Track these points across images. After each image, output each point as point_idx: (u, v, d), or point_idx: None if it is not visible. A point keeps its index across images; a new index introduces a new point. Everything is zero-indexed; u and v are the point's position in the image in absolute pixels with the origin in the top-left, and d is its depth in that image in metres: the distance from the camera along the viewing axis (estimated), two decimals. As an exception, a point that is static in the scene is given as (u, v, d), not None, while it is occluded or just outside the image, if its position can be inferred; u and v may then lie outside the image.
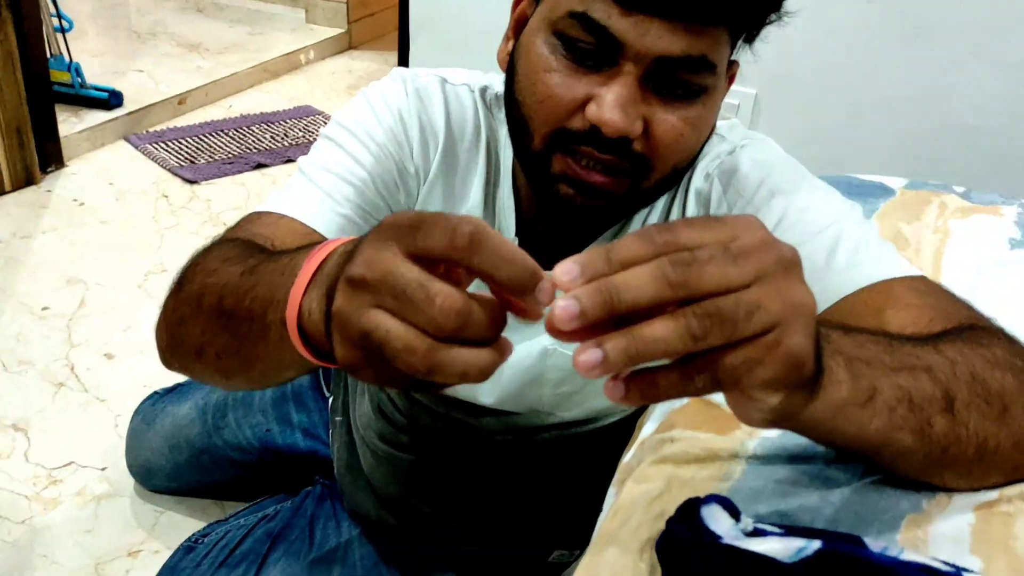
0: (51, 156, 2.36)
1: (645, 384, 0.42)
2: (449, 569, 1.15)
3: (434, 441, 1.01)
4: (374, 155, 0.78)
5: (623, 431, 0.90)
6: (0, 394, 1.61)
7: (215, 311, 0.61)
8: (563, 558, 1.19)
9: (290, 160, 2.55)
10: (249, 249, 0.66)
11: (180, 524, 1.38)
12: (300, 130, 2.75)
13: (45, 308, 1.85)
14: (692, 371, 0.42)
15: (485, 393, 0.90)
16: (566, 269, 0.41)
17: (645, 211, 0.81)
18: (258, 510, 1.22)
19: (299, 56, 3.33)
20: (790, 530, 0.53)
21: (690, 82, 0.65)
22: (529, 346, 0.85)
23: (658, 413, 0.74)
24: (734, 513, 0.52)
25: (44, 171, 2.34)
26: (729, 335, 0.40)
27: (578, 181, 0.68)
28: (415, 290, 0.40)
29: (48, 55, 2.38)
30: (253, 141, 2.65)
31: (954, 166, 1.65)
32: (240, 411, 1.31)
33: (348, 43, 3.57)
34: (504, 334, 0.53)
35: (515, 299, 0.42)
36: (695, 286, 0.40)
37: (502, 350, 0.42)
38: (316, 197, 0.75)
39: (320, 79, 3.24)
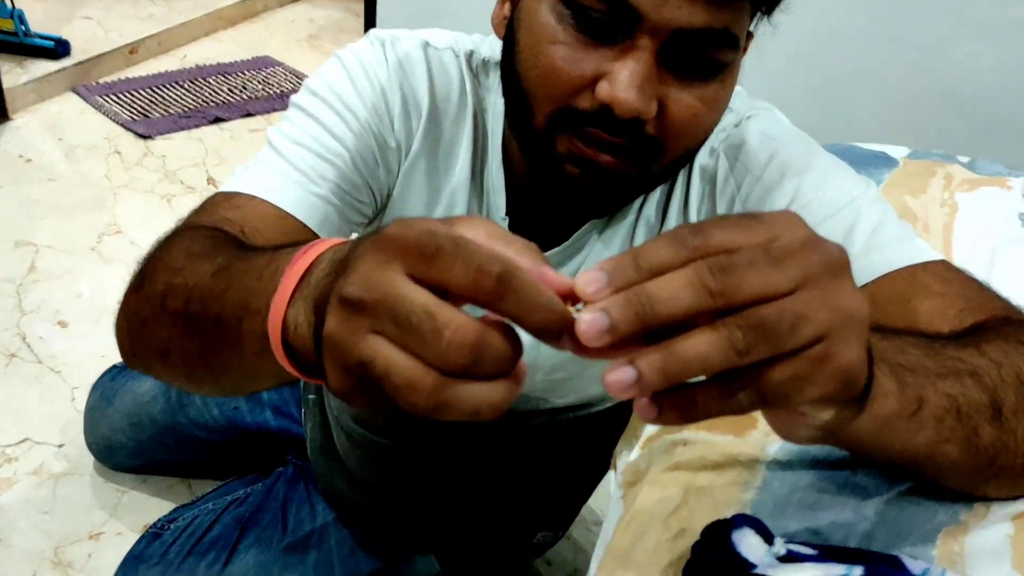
0: (-6, 109, 2.23)
1: (682, 403, 0.38)
2: (429, 553, 1.11)
3: (413, 425, 0.95)
4: (354, 131, 0.71)
5: (617, 417, 0.85)
6: (-54, 366, 1.53)
7: (180, 315, 0.55)
8: (547, 539, 1.16)
9: (249, 114, 2.44)
10: (217, 242, 0.59)
11: (144, 504, 1.32)
12: (259, 82, 2.64)
13: (-8, 273, 1.76)
14: (735, 388, 0.37)
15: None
16: (591, 279, 0.36)
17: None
18: (227, 492, 1.16)
19: (256, 3, 3.19)
20: (824, 551, 0.49)
21: (709, 58, 0.59)
22: (521, 331, 0.80)
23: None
24: (766, 535, 0.48)
25: (-12, 125, 2.21)
26: (774, 348, 0.36)
27: (586, 161, 0.62)
28: (421, 319, 0.34)
29: (-13, 1, 2.24)
30: (209, 94, 2.53)
31: (949, 135, 1.61)
32: (205, 387, 1.25)
33: (307, -11, 3.43)
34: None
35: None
36: (735, 294, 0.36)
37: (519, 379, 0.36)
38: (290, 177, 0.68)
39: (278, 27, 3.11)
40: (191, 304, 0.53)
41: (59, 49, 2.46)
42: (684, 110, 0.60)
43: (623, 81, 0.56)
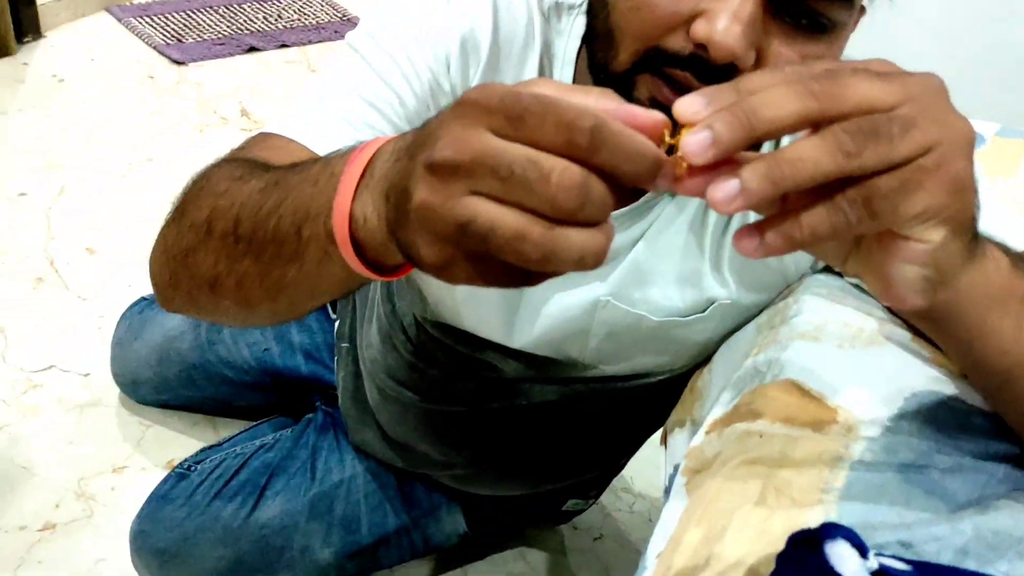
0: (28, 25, 2.17)
1: (788, 227, 0.37)
2: (458, 507, 1.09)
3: (448, 382, 0.92)
4: (408, 78, 0.66)
5: (668, 391, 0.82)
6: (-27, 287, 1.51)
7: (230, 236, 0.53)
8: (578, 506, 1.13)
9: (284, 45, 2.38)
10: (258, 165, 0.57)
11: (169, 441, 1.31)
12: (295, 11, 2.56)
13: (22, 194, 1.73)
14: (842, 202, 0.37)
15: (519, 338, 0.80)
16: (690, 102, 0.36)
17: None
18: (255, 436, 1.13)
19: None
20: (918, 567, 0.46)
21: (820, 12, 0.54)
22: (578, 295, 0.76)
23: (730, 389, 0.65)
24: (861, 550, 0.44)
25: (20, 41, 2.16)
26: (884, 155, 0.36)
27: (668, 109, 0.57)
28: (526, 167, 0.34)
29: (23, -89, 2.17)
30: (244, 21, 2.47)
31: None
32: (236, 328, 1.22)
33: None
34: (552, 282, 0.46)
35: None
36: (841, 99, 0.36)
37: (609, 233, 0.36)
38: (333, 122, 0.64)
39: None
40: (241, 223, 0.51)
41: (95, -33, 2.40)
42: (783, 66, 0.55)
43: (724, 20, 0.51)
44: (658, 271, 0.73)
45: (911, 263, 0.40)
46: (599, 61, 0.60)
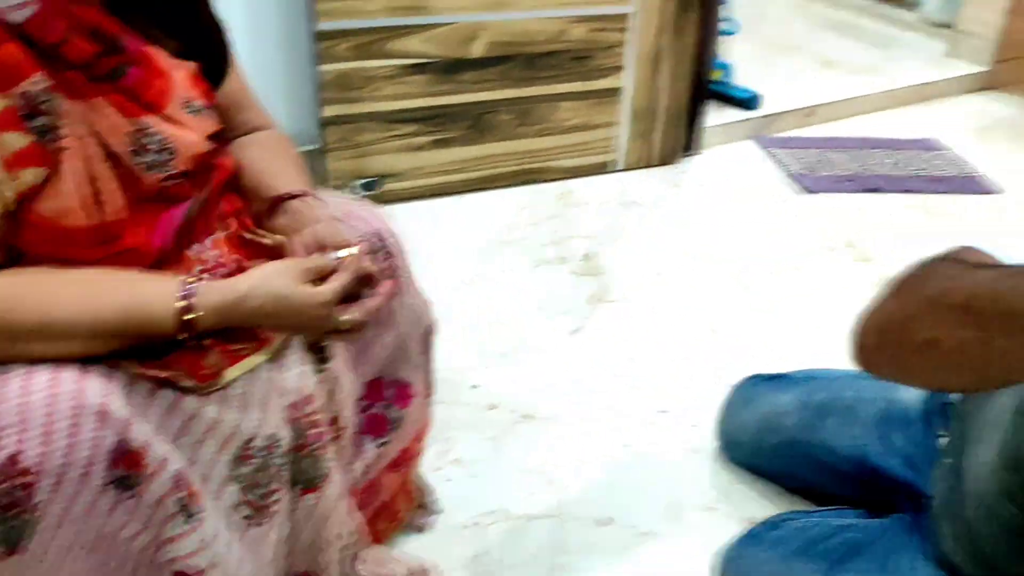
0: (692, 142, 2.63)
1: None
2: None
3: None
4: None
5: None
6: (617, 333, 1.88)
7: (958, 308, 0.68)
8: None
9: (908, 191, 2.51)
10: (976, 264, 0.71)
11: (753, 498, 1.48)
12: (922, 162, 2.68)
13: (658, 274, 2.10)
14: None
15: None
16: None
17: None
18: (843, 516, 1.26)
19: (932, 88, 3.22)
20: None
21: None
22: None
23: None
24: None
25: (684, 153, 2.62)
26: None
27: None
28: None
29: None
30: (873, 164, 2.66)
31: None
32: (840, 419, 1.36)
33: (990, 82, 3.35)
34: None
35: None
36: None
37: None
38: None
39: (951, 116, 3.11)
40: (974, 300, 0.67)
41: (752, 102, 2.80)
42: None
43: None
44: None
45: None
46: None
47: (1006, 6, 3.23)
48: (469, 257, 2.11)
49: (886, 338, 0.80)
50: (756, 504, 1.46)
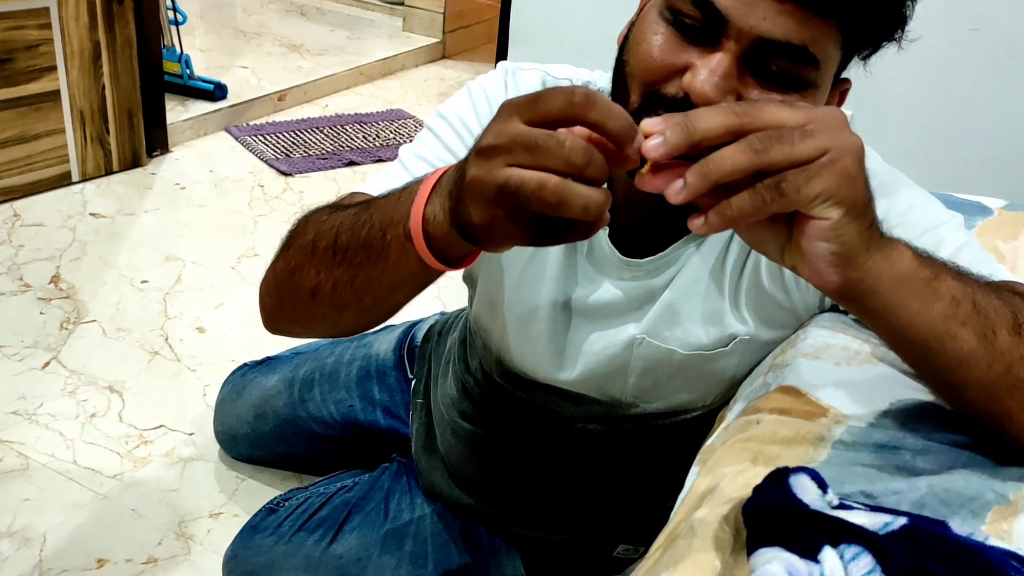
0: (157, 141, 2.47)
1: (721, 207, 0.52)
2: (516, 553, 1.18)
3: (514, 424, 1.04)
4: (466, 145, 0.83)
5: (704, 426, 0.91)
6: (99, 357, 1.70)
7: (330, 250, 0.69)
8: (628, 553, 1.21)
9: (380, 160, 2.63)
10: (353, 204, 0.74)
11: (260, 491, 1.44)
12: (391, 132, 2.83)
13: (144, 281, 1.95)
14: (759, 187, 0.51)
15: (566, 375, 0.92)
16: (652, 120, 0.52)
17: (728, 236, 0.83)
18: (337, 481, 1.26)
19: (394, 62, 3.42)
20: (875, 509, 0.55)
21: (791, 73, 0.66)
22: (616, 333, 0.88)
23: (742, 401, 0.76)
24: (821, 485, 0.54)
25: (150, 155, 2.45)
26: (787, 154, 0.50)
27: None
28: (546, 139, 0.49)
29: (162, 46, 2.51)
30: (346, 140, 2.74)
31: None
32: (326, 386, 1.36)
33: (442, 52, 3.65)
34: (593, 324, 0.70)
35: (614, 149, 0.51)
36: (756, 117, 0.51)
37: (608, 196, 0.50)
38: (407, 180, 0.80)
39: (413, 85, 3.33)
40: (340, 236, 0.68)
41: (217, 92, 2.72)
42: None
43: (703, 73, 0.65)
44: (685, 311, 0.85)
45: (820, 239, 0.54)
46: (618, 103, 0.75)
47: (441, -18, 3.53)
48: None
49: (281, 295, 0.78)
50: (265, 495, 1.42)
